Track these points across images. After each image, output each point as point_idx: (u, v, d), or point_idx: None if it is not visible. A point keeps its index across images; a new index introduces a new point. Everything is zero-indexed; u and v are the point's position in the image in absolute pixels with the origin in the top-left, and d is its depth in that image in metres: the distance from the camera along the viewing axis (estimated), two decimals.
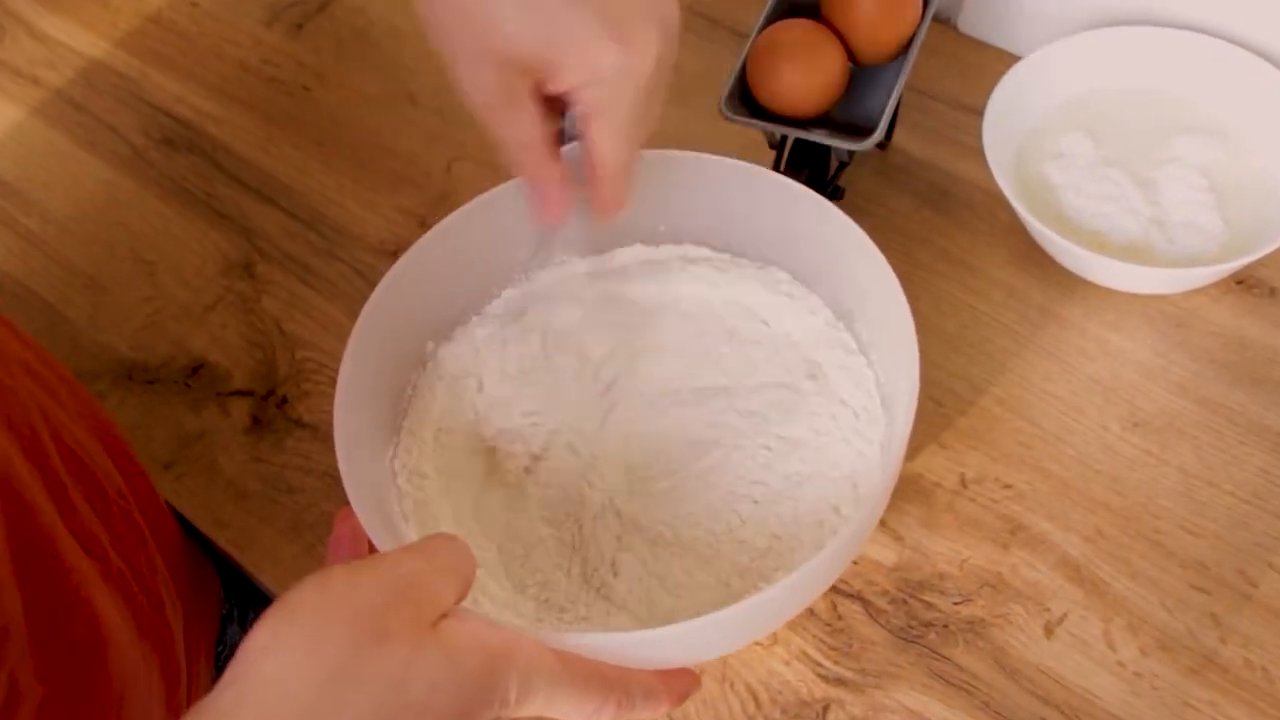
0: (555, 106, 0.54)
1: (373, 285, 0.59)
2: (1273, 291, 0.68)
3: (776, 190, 0.60)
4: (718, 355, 0.63)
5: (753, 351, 0.63)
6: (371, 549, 0.52)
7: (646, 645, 0.49)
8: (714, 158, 0.61)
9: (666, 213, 0.64)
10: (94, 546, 0.58)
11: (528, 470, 0.61)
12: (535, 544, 0.59)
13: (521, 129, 0.52)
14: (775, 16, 0.70)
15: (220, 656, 0.73)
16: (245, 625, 0.74)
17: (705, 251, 0.65)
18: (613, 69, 0.49)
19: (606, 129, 0.52)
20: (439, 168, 0.81)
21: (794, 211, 0.60)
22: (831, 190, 0.72)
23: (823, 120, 0.69)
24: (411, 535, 0.58)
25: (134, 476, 0.65)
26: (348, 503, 0.52)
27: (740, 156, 0.60)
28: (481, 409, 0.62)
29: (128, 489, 0.63)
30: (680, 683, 0.51)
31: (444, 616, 0.42)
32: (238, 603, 0.75)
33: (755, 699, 0.59)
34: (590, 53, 0.49)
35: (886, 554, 0.62)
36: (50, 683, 0.51)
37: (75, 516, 0.57)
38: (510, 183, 0.59)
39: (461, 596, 0.43)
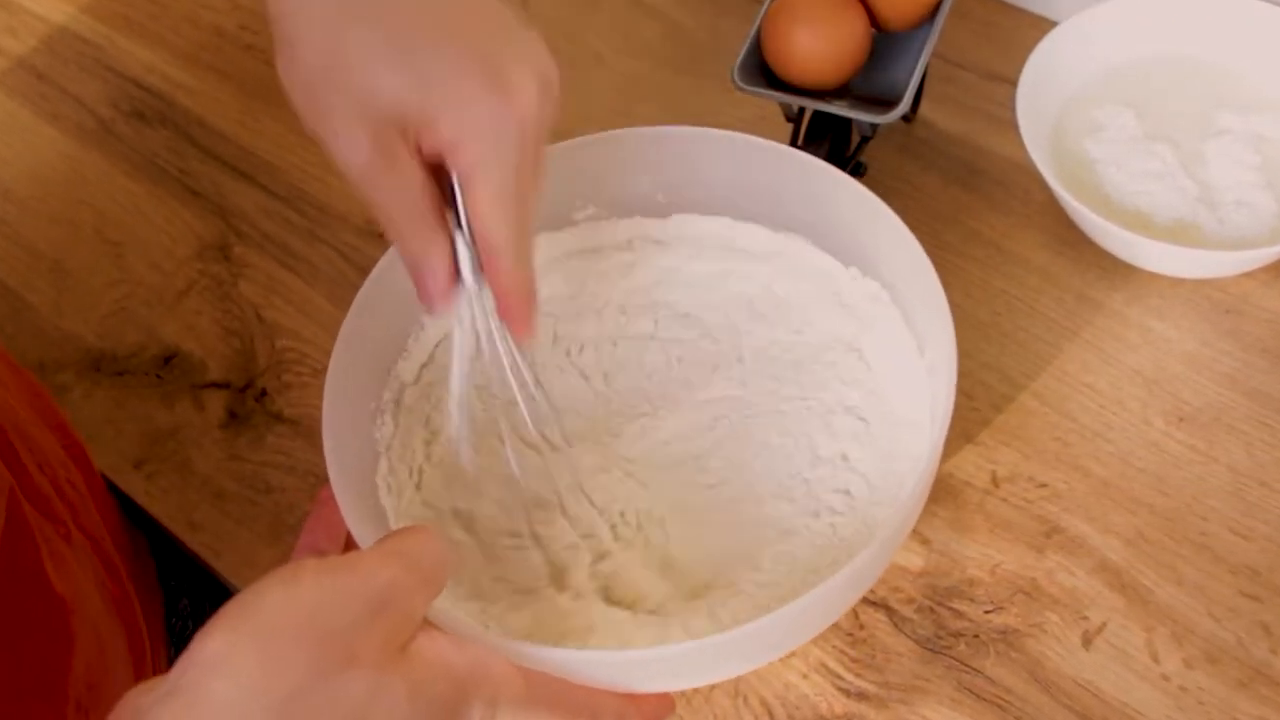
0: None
1: (358, 268, 0.60)
2: None
3: (792, 164, 0.61)
4: (738, 351, 0.63)
5: (778, 352, 0.63)
6: (349, 543, 0.52)
7: (632, 667, 0.50)
8: (725, 133, 0.61)
9: (698, 186, 0.65)
10: (53, 511, 0.58)
11: (523, 462, 0.61)
12: (524, 543, 0.59)
13: (403, 191, 0.49)
14: None
15: (172, 628, 0.73)
16: (196, 601, 0.75)
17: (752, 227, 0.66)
18: (490, 117, 0.47)
19: (487, 191, 0.48)
20: None
21: (813, 187, 0.61)
22: (853, 166, 0.72)
23: (843, 91, 0.69)
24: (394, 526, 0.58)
25: (71, 448, 0.66)
26: (328, 482, 0.52)
27: (755, 130, 0.60)
28: (482, 392, 0.63)
29: (68, 458, 0.64)
30: (652, 706, 0.52)
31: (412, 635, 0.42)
32: (185, 584, 0.76)
33: (770, 714, 0.59)
34: (465, 100, 0.47)
35: (913, 559, 0.62)
36: (6, 646, 0.51)
37: (31, 483, 0.58)
38: None
39: (433, 599, 0.44)
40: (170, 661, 0.58)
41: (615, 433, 0.62)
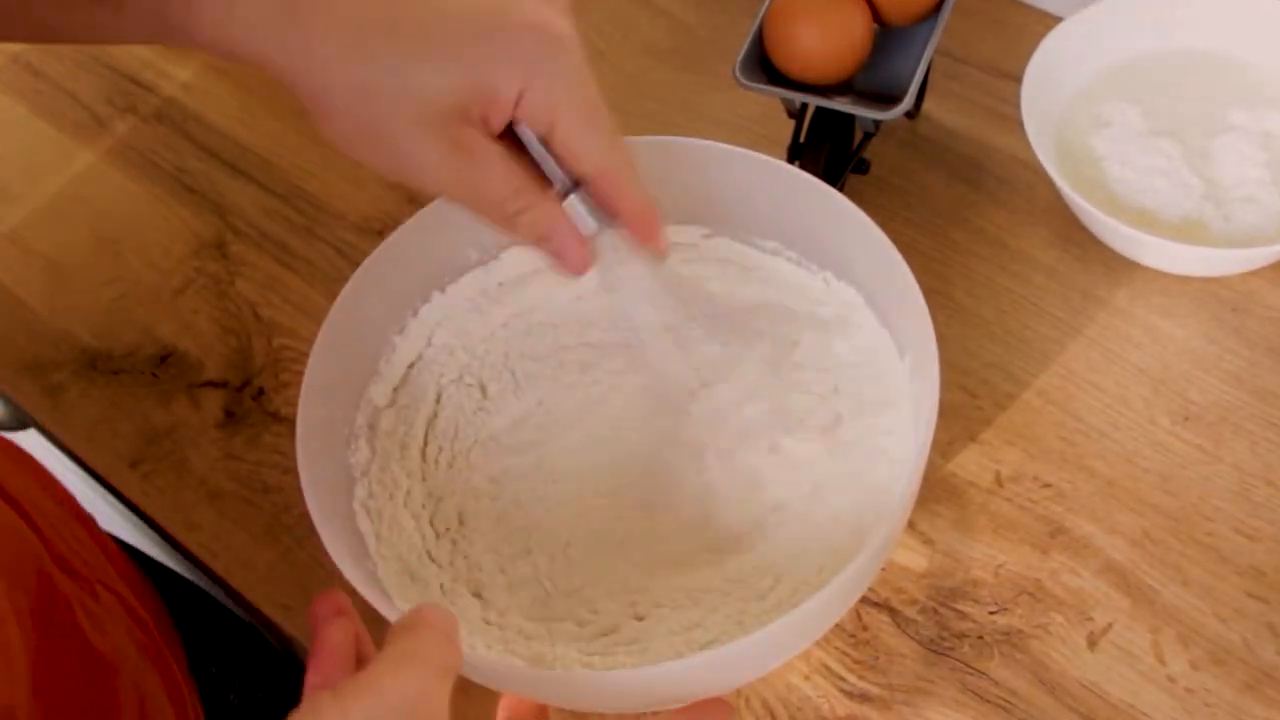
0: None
1: (356, 266, 0.59)
2: None
3: (772, 172, 0.61)
4: (725, 355, 0.63)
5: (765, 351, 0.63)
6: (360, 660, 0.50)
7: (622, 683, 0.49)
8: (706, 143, 0.61)
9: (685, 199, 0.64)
10: (78, 568, 0.58)
11: (515, 478, 0.61)
12: (512, 562, 0.59)
13: (495, 173, 0.49)
14: None
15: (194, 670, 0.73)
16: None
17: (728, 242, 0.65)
18: (545, 54, 0.48)
19: (576, 120, 0.49)
20: None
21: (794, 195, 0.61)
22: (856, 163, 0.71)
23: (846, 87, 0.69)
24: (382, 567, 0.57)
25: (74, 508, 0.65)
26: (321, 597, 0.50)
27: (758, 126, 0.60)
28: (468, 411, 0.62)
29: (71, 517, 0.63)
30: (709, 716, 0.48)
31: None
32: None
33: (772, 716, 0.59)
34: (514, 52, 0.47)
35: (916, 559, 0.62)
36: (54, 714, 0.50)
37: (55, 549, 0.57)
38: None
39: (453, 682, 0.42)
40: (204, 706, 0.56)
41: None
